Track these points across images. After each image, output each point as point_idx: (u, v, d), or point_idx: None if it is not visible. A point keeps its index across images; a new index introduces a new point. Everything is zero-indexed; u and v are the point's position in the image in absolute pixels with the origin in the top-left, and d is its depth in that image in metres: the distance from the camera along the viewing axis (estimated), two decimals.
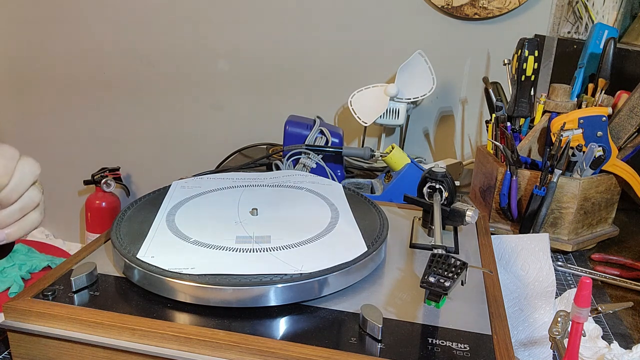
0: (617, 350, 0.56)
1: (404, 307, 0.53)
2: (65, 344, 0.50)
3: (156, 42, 1.52)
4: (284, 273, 0.52)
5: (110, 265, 0.59)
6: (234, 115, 1.54)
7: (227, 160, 1.36)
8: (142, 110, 1.60)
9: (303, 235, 0.60)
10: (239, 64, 1.48)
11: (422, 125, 1.41)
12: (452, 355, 0.46)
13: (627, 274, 0.79)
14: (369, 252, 0.57)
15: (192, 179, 0.79)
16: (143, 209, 0.68)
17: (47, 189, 1.92)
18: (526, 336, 0.59)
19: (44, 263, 1.36)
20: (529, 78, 0.92)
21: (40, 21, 1.58)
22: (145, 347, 0.48)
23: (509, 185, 0.86)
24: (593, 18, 1.18)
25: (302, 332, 0.49)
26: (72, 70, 1.61)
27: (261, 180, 0.79)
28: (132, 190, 1.72)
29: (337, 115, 1.46)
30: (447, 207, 0.67)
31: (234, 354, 0.46)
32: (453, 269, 0.50)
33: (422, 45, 1.27)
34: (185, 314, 0.50)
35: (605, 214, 0.89)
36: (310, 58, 1.43)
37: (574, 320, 0.45)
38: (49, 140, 1.70)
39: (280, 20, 1.41)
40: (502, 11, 1.25)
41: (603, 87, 0.88)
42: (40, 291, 0.53)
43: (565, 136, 0.82)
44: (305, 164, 1.05)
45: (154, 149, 1.64)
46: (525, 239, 0.76)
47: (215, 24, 1.46)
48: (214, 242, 0.58)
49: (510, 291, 0.68)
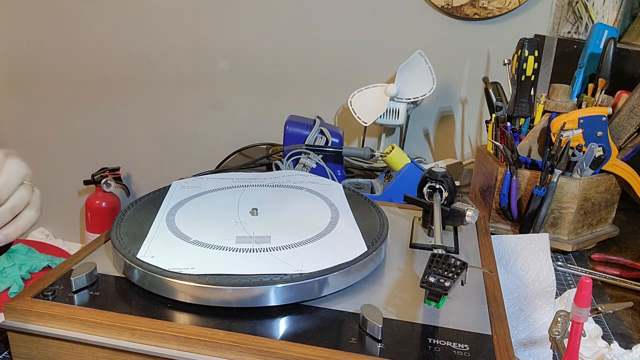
0: (617, 350, 0.56)
1: (404, 307, 0.53)
2: (65, 344, 0.50)
3: (156, 42, 1.52)
4: (284, 273, 0.52)
5: (110, 265, 0.58)
6: (234, 115, 1.54)
7: (227, 160, 1.36)
8: (142, 110, 1.60)
9: (303, 235, 0.60)
10: (239, 64, 1.48)
11: (422, 125, 1.41)
12: (452, 355, 0.46)
13: (627, 274, 0.79)
14: (369, 252, 0.57)
15: (192, 179, 0.79)
16: (143, 209, 0.68)
17: (47, 189, 1.92)
18: (526, 336, 0.59)
19: (44, 263, 1.36)
20: (529, 78, 0.92)
21: (41, 21, 1.58)
22: (145, 347, 0.48)
23: (509, 185, 0.86)
24: (593, 18, 1.18)
25: (302, 332, 0.49)
26: (72, 70, 1.60)
27: (261, 180, 0.79)
28: (132, 190, 1.72)
29: (337, 115, 1.46)
30: (447, 207, 0.67)
31: (234, 354, 0.46)
32: (453, 269, 0.50)
33: (422, 45, 1.27)
34: (185, 314, 0.50)
35: (605, 214, 0.89)
36: (310, 58, 1.43)
37: (574, 320, 0.45)
38: (49, 140, 1.70)
39: (280, 20, 1.41)
40: (502, 11, 1.25)
41: (603, 87, 0.88)
42: (40, 291, 0.53)
43: (565, 136, 0.82)
44: (305, 164, 1.05)
45: (154, 149, 1.64)
46: (525, 239, 0.76)
47: (215, 24, 1.46)
48: (214, 242, 0.58)
49: (510, 291, 0.68)
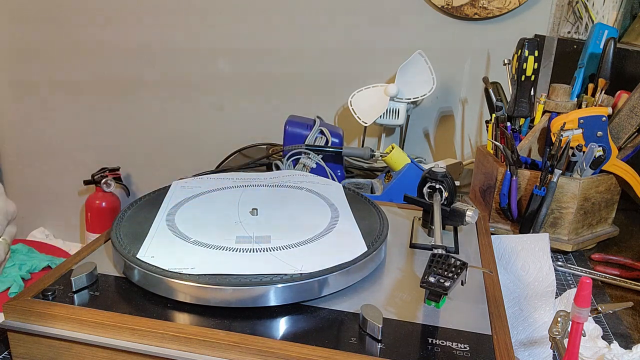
0: (617, 350, 0.56)
1: (404, 307, 0.53)
2: (65, 344, 0.50)
3: (156, 42, 1.52)
4: (284, 273, 0.52)
5: (110, 265, 0.58)
6: (234, 115, 1.54)
7: (227, 160, 1.36)
8: (142, 110, 1.60)
9: (303, 235, 0.60)
10: (239, 64, 1.48)
11: (422, 125, 1.41)
12: (452, 355, 0.46)
13: (627, 274, 0.79)
14: (369, 252, 0.57)
15: (192, 179, 0.79)
16: (143, 209, 0.68)
17: (47, 189, 1.92)
18: (526, 336, 0.59)
19: (44, 263, 1.36)
20: (529, 78, 0.92)
21: (41, 21, 1.58)
22: (145, 347, 0.48)
23: (509, 185, 0.86)
24: (593, 18, 1.18)
25: (302, 332, 0.49)
26: (72, 70, 1.60)
27: (261, 180, 0.79)
28: (132, 190, 1.72)
29: (337, 115, 1.46)
30: (447, 207, 0.67)
31: (234, 354, 0.46)
32: (453, 269, 0.50)
33: (422, 45, 1.27)
34: (185, 314, 0.50)
35: (605, 214, 0.89)
36: (310, 58, 1.43)
37: (574, 320, 0.45)
38: (49, 140, 1.70)
39: (281, 20, 1.41)
40: (502, 11, 1.25)
41: (603, 87, 0.88)
42: (40, 291, 0.53)
43: (565, 136, 0.82)
44: (305, 164, 1.05)
45: (154, 149, 1.64)
46: (525, 239, 0.76)
47: (215, 24, 1.46)
48: (214, 242, 0.58)
49: (510, 291, 0.68)
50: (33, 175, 1.76)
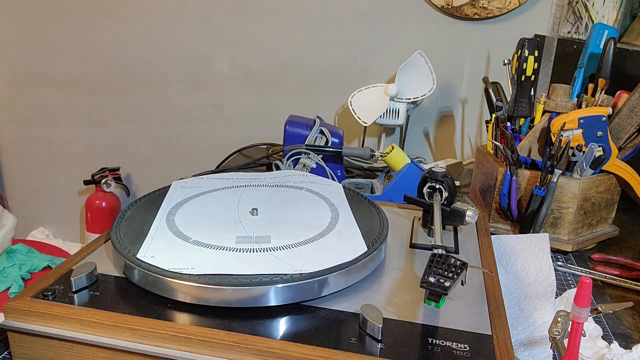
0: (617, 350, 0.56)
1: (404, 307, 0.53)
2: (65, 344, 0.50)
3: (156, 42, 1.52)
4: (284, 273, 0.52)
5: (110, 265, 0.58)
6: (234, 115, 1.54)
7: (227, 160, 1.36)
8: (142, 110, 1.60)
9: (303, 235, 0.60)
10: (239, 64, 1.48)
11: (422, 125, 1.41)
12: (452, 355, 0.46)
13: (627, 274, 0.79)
14: (369, 252, 0.57)
15: (192, 179, 0.79)
16: (143, 209, 0.68)
17: (48, 189, 1.92)
18: (526, 336, 0.59)
19: (44, 263, 1.36)
20: (529, 78, 0.92)
21: (40, 21, 1.58)
22: (145, 347, 0.48)
23: (509, 185, 0.86)
24: (593, 18, 1.18)
25: (302, 332, 0.49)
26: (72, 70, 1.61)
27: (261, 180, 0.79)
28: (132, 190, 1.72)
29: (337, 115, 1.46)
30: (447, 207, 0.67)
31: (234, 354, 0.46)
32: (453, 269, 0.50)
33: (422, 45, 1.27)
34: (185, 314, 0.50)
35: (605, 214, 0.89)
36: (310, 58, 1.43)
37: (574, 320, 0.45)
38: (49, 140, 1.70)
39: (281, 20, 1.41)
40: (502, 11, 1.25)
41: (603, 87, 0.88)
42: (40, 291, 0.53)
43: (565, 136, 0.82)
44: (305, 164, 1.05)
45: (154, 149, 1.64)
46: (525, 239, 0.76)
47: (215, 24, 1.46)
48: (214, 242, 0.58)
49: (510, 291, 0.68)
50: (33, 175, 1.76)
